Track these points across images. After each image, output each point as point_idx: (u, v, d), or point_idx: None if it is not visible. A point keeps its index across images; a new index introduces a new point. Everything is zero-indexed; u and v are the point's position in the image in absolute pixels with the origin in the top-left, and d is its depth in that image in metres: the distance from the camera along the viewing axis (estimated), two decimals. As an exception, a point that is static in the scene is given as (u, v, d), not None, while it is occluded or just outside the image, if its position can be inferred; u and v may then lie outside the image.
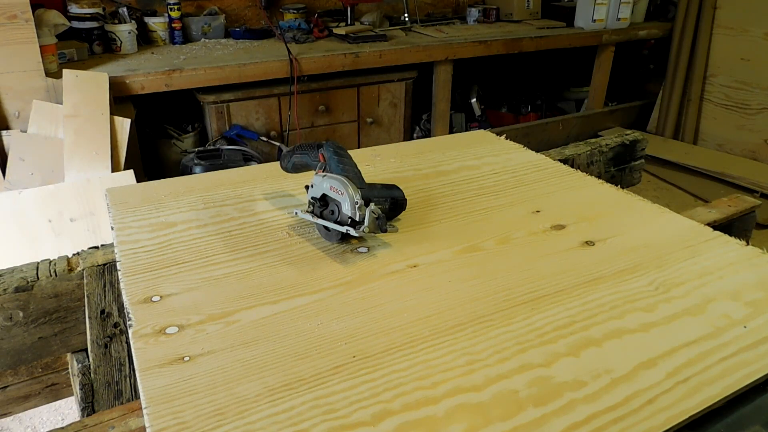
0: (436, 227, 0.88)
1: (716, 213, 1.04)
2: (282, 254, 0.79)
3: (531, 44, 2.99)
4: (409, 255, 0.80)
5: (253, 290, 0.71)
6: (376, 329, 0.64)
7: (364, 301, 0.70)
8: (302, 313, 0.67)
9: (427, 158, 1.15)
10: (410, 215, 0.91)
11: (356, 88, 2.66)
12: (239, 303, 0.69)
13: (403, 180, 1.03)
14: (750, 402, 0.57)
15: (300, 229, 0.86)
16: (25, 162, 1.95)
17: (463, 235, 0.85)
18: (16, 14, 1.87)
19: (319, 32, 2.74)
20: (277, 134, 2.53)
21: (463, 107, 3.41)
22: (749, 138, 3.26)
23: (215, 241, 0.82)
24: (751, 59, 3.19)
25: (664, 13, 3.56)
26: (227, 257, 0.78)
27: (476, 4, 3.32)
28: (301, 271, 0.75)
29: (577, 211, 0.92)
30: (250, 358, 0.60)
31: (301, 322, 0.65)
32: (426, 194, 0.99)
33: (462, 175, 1.07)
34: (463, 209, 0.94)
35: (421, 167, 1.10)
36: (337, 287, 0.72)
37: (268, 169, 1.09)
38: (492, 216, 0.91)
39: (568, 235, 0.85)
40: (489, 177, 1.06)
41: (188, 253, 0.79)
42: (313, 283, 0.73)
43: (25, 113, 1.96)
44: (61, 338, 0.84)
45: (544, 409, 0.54)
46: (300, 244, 0.82)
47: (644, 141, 1.43)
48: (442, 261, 0.78)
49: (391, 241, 0.83)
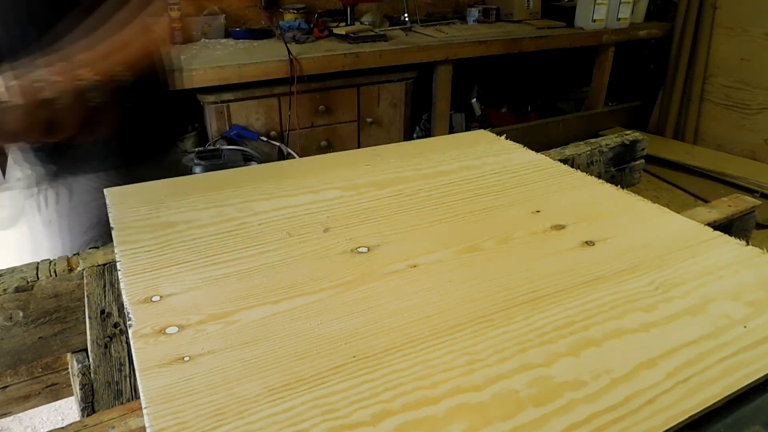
0: (436, 227, 0.88)
1: (716, 213, 1.04)
2: (282, 254, 0.79)
3: (531, 44, 3.00)
4: (410, 255, 0.80)
5: (254, 290, 0.71)
6: (376, 329, 0.64)
7: (364, 301, 0.70)
8: (302, 313, 0.67)
9: (428, 158, 1.15)
10: (411, 215, 0.91)
11: (356, 88, 2.66)
12: (239, 303, 0.69)
13: (403, 180, 1.03)
14: (750, 402, 0.57)
15: (300, 229, 0.86)
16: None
17: (464, 234, 0.85)
18: (16, 14, 1.87)
19: (319, 32, 2.74)
20: (277, 134, 2.53)
21: (463, 107, 3.41)
22: (749, 138, 3.26)
23: (215, 241, 0.82)
24: (751, 59, 3.19)
25: (664, 13, 3.56)
26: (227, 257, 0.78)
27: (476, 4, 3.33)
28: (301, 271, 0.75)
29: (577, 211, 0.93)
30: (250, 357, 0.60)
31: (301, 322, 0.65)
32: (426, 194, 0.99)
33: (462, 174, 1.07)
34: (463, 209, 0.94)
35: (421, 167, 1.10)
36: (337, 287, 0.72)
37: (269, 169, 1.09)
38: (492, 216, 0.91)
39: (568, 235, 0.86)
40: (489, 177, 1.06)
41: (188, 253, 0.79)
42: (313, 283, 0.73)
43: (25, 113, 1.96)
44: (61, 338, 0.84)
45: (544, 409, 0.54)
46: (300, 244, 0.82)
47: (644, 141, 1.43)
48: (443, 261, 0.78)
49: (392, 241, 0.83)
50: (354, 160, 1.12)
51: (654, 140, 3.38)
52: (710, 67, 3.36)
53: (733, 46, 3.24)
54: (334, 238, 0.84)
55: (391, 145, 1.22)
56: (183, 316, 0.66)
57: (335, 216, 0.90)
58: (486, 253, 0.81)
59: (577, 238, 0.84)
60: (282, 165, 1.16)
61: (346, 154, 1.16)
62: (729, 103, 3.31)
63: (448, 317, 0.67)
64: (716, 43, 3.31)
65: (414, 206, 0.93)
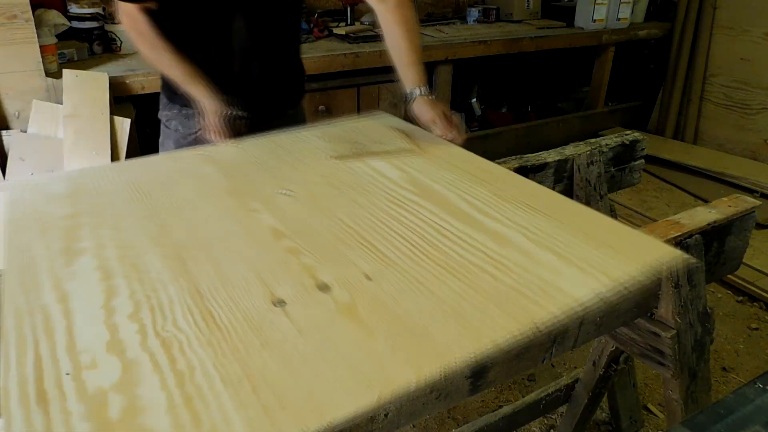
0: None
1: (716, 213, 1.04)
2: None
3: (531, 44, 2.99)
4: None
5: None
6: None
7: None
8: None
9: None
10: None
11: (356, 88, 2.65)
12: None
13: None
14: (750, 402, 0.57)
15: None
16: (25, 162, 1.95)
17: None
18: (16, 14, 1.87)
19: (319, 32, 2.74)
20: (277, 134, 2.53)
21: (463, 107, 3.41)
22: (749, 138, 3.26)
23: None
24: (751, 59, 3.19)
25: (664, 13, 3.55)
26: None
27: (476, 4, 3.32)
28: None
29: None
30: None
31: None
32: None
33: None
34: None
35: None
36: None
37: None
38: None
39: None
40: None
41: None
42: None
43: (25, 113, 1.96)
44: (61, 338, 0.84)
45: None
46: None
47: (644, 141, 1.43)
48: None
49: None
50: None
51: (654, 140, 3.38)
52: (710, 67, 3.36)
53: (733, 46, 3.23)
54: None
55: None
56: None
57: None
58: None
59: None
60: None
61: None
62: (729, 103, 3.31)
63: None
64: (716, 43, 3.31)
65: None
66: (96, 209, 0.92)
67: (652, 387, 1.82)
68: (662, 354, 0.96)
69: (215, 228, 0.86)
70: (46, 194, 0.98)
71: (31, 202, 0.96)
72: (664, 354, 0.95)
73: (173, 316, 0.66)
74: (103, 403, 0.54)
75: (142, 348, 0.61)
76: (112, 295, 0.71)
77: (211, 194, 0.97)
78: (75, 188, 1.00)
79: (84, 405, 0.54)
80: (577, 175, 1.30)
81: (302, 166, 1.07)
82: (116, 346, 0.62)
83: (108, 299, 0.70)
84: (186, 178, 1.03)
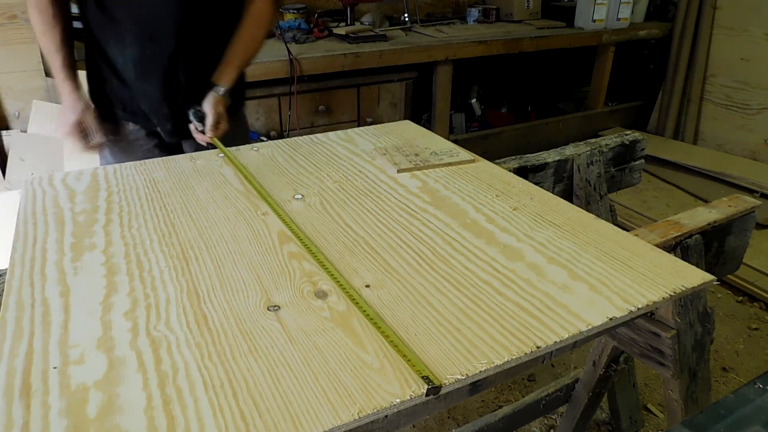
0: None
1: (716, 213, 1.04)
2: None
3: (531, 44, 2.99)
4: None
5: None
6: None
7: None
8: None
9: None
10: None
11: (356, 88, 2.66)
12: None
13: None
14: (750, 402, 0.57)
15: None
16: (25, 162, 1.95)
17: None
18: (16, 14, 1.87)
19: (319, 32, 2.74)
20: (277, 134, 2.53)
21: (463, 107, 3.41)
22: (749, 138, 3.26)
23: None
24: (751, 59, 3.19)
25: (664, 13, 3.55)
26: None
27: (476, 4, 3.32)
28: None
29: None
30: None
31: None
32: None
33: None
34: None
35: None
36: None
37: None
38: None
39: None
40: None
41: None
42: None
43: (25, 113, 1.97)
44: (61, 338, 0.84)
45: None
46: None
47: (644, 141, 1.43)
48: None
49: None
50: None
51: (654, 140, 3.38)
52: (710, 67, 3.36)
53: (733, 46, 3.23)
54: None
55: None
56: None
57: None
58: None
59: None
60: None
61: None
62: (729, 103, 3.30)
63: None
64: (716, 43, 3.31)
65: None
66: (111, 207, 0.94)
67: (652, 387, 1.82)
68: (662, 354, 0.96)
69: (224, 230, 0.87)
70: (65, 189, 1.01)
71: (51, 196, 0.98)
72: (664, 354, 0.95)
73: (167, 316, 0.67)
74: (84, 400, 0.55)
75: (130, 346, 0.62)
76: (113, 292, 0.71)
77: (225, 196, 0.98)
78: (94, 185, 1.03)
79: (65, 400, 0.55)
80: (577, 175, 1.30)
81: (319, 173, 1.08)
82: (106, 343, 0.62)
83: (108, 296, 0.70)
84: (204, 179, 1.05)
